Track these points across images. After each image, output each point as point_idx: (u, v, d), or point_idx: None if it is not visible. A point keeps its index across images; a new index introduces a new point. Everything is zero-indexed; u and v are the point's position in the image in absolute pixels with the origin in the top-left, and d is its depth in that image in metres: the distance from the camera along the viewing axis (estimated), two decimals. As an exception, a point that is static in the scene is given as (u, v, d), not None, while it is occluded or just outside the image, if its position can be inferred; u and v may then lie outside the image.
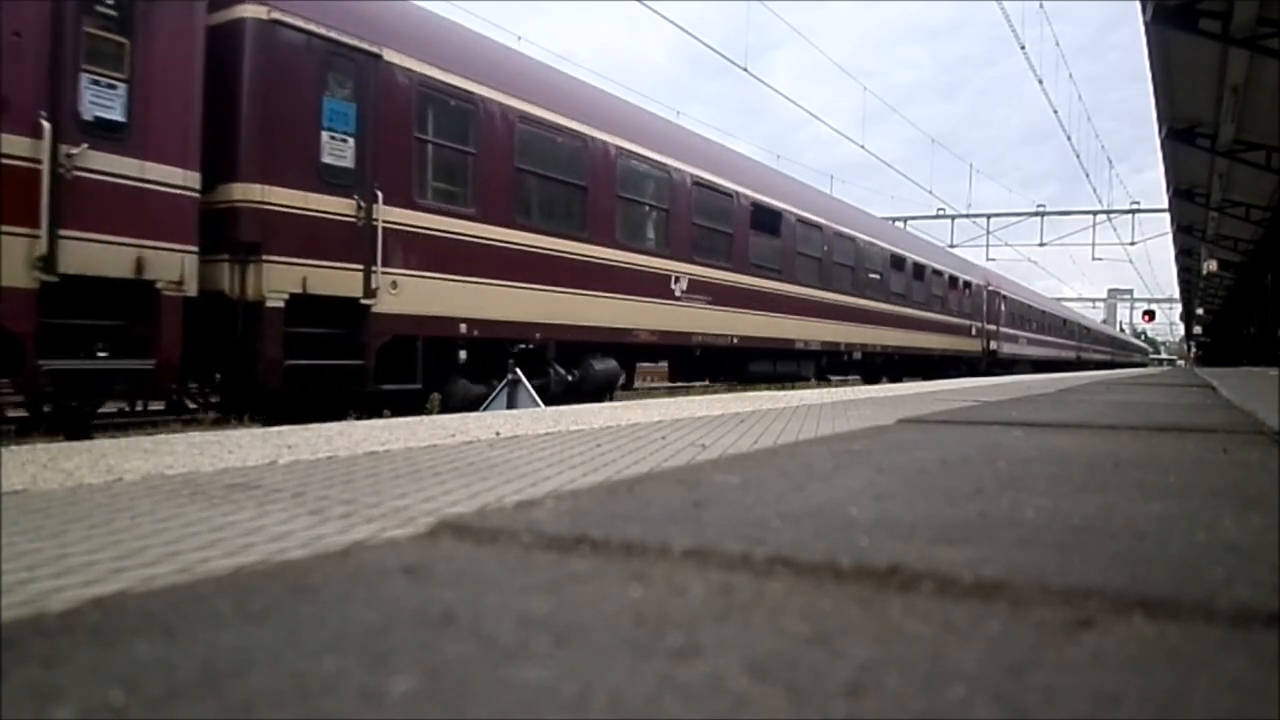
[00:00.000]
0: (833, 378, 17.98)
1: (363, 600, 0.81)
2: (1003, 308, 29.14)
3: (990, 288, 27.94)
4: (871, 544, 1.05)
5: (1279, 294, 23.46)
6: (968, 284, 25.44)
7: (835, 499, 1.39)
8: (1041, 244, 39.66)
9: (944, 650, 0.68)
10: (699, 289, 12.41)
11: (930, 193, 78.66)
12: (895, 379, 19.38)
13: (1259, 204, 20.87)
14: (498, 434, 2.77)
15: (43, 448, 2.23)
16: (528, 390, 8.64)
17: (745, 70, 18.48)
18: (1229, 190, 20.36)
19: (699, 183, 12.58)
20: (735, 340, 13.33)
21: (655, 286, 11.54)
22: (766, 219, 14.43)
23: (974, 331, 25.75)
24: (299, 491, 1.60)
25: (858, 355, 17.81)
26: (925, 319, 21.48)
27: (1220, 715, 0.56)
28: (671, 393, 16.84)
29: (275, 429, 2.96)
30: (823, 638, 0.71)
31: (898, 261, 19.78)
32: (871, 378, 19.41)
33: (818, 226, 16.14)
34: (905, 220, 35.69)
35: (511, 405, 8.43)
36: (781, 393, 6.88)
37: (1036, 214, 38.88)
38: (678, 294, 11.95)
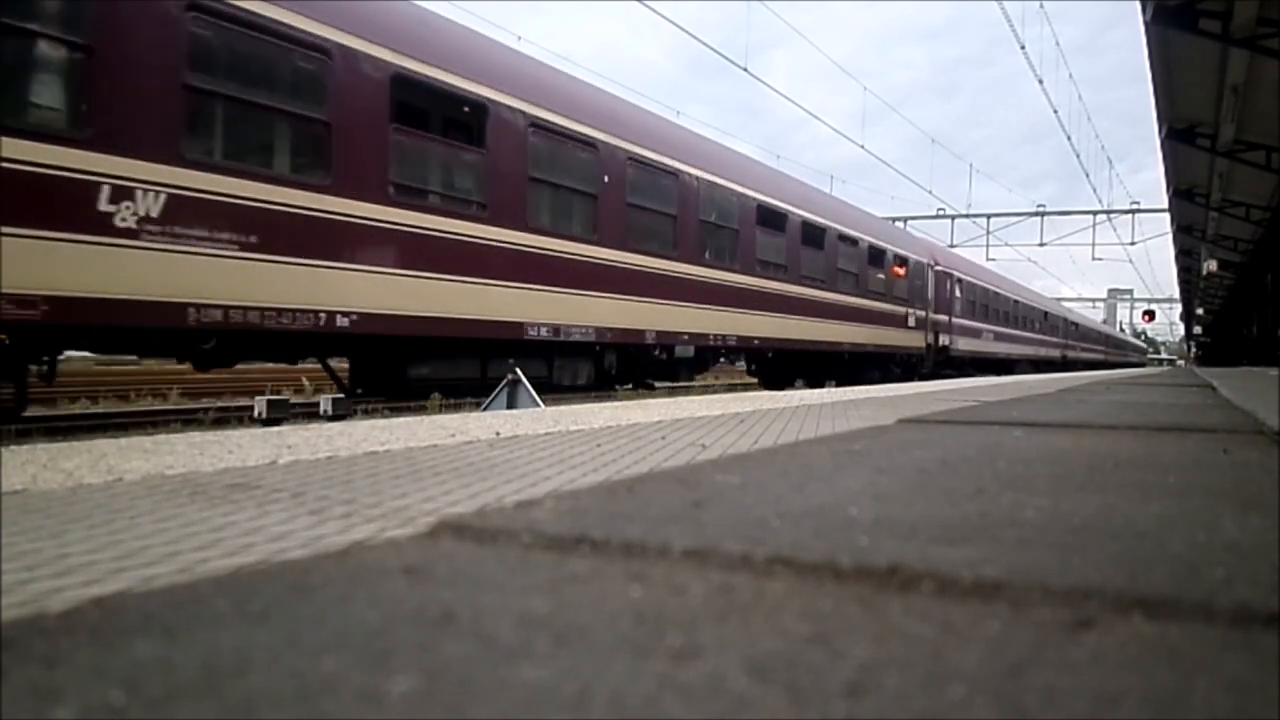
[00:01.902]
0: (657, 384, 12.02)
1: (363, 600, 0.81)
2: (957, 293, 22.99)
3: (939, 267, 21.77)
4: (871, 544, 1.05)
5: (1279, 294, 23.45)
6: (902, 259, 19.10)
7: (835, 499, 1.39)
8: (1041, 244, 39.67)
9: (944, 650, 0.68)
10: (224, 221, 6.16)
11: (930, 193, 78.70)
12: (816, 382, 15.41)
13: (1259, 204, 20.88)
14: (498, 434, 2.77)
15: (43, 448, 2.23)
16: (528, 390, 8.61)
17: (745, 70, 18.48)
18: (1229, 190, 20.37)
19: (205, 9, 6.14)
20: (348, 321, 7.00)
21: (47, 208, 5.29)
22: (439, 113, 8.40)
23: (912, 321, 19.56)
24: (299, 491, 1.59)
25: (687, 350, 11.61)
26: (825, 302, 15.22)
27: (1220, 715, 0.56)
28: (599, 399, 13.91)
29: (275, 429, 2.96)
30: (823, 638, 0.71)
31: (771, 217, 13.46)
32: (776, 382, 15.41)
33: (588, 143, 9.62)
34: (905, 220, 35.61)
35: (511, 405, 8.42)
36: (781, 393, 6.88)
37: (1037, 214, 38.89)
38: (130, 224, 5.62)
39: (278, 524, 1.30)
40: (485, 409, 8.02)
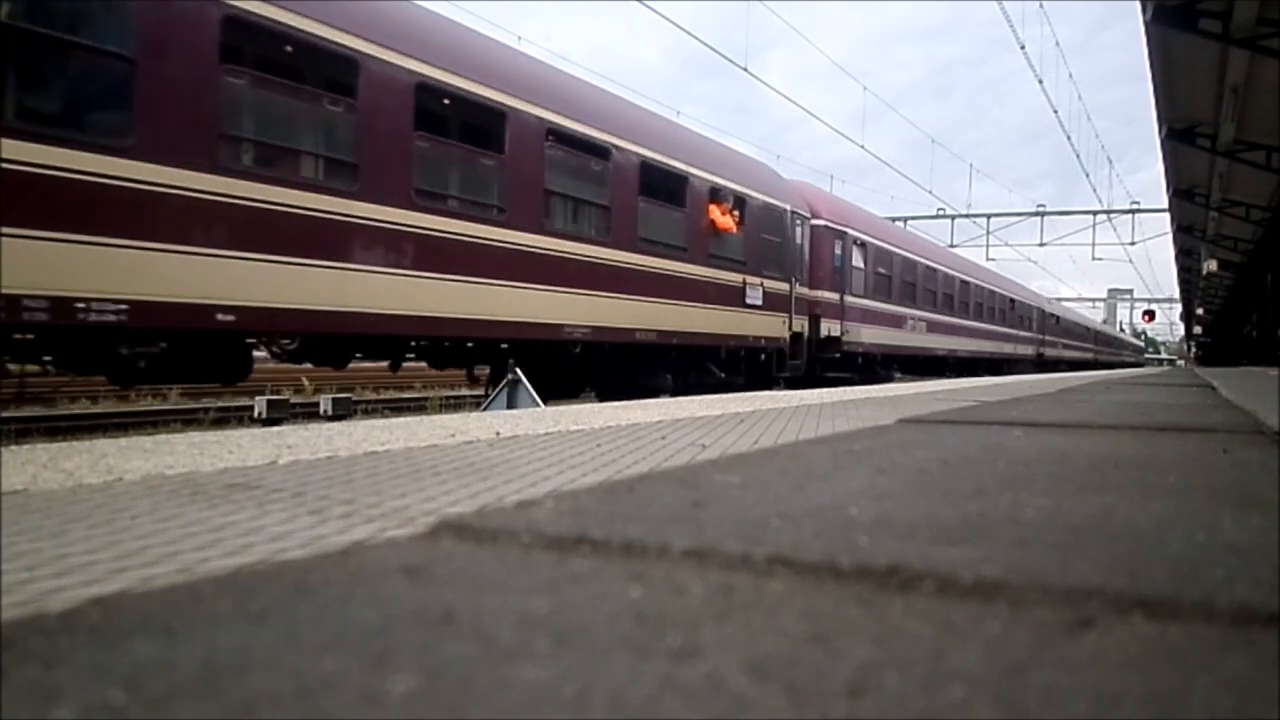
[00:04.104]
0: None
1: (363, 600, 0.81)
2: (858, 262, 16.25)
3: (822, 221, 14.97)
4: (871, 544, 1.05)
5: (1279, 294, 23.45)
6: (734, 200, 12.17)
7: (835, 499, 1.39)
8: (1041, 244, 39.65)
9: (944, 650, 0.68)
10: None
11: (930, 193, 78.62)
12: (566, 391, 10.14)
13: (1259, 204, 20.87)
14: (498, 434, 2.77)
15: (43, 448, 2.23)
16: (528, 390, 8.61)
17: (745, 70, 18.48)
18: (1229, 190, 20.36)
19: None
20: None
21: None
22: None
23: (757, 297, 12.79)
24: (299, 491, 1.59)
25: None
26: (508, 248, 8.69)
27: (1220, 715, 0.56)
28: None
29: (275, 429, 2.96)
30: (823, 638, 0.71)
31: (311, 69, 7.51)
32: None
33: None
34: (905, 220, 35.54)
35: (511, 405, 8.42)
36: (781, 393, 6.88)
37: (1036, 214, 38.90)
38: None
39: (278, 524, 1.30)
40: (485, 409, 8.03)
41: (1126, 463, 1.96)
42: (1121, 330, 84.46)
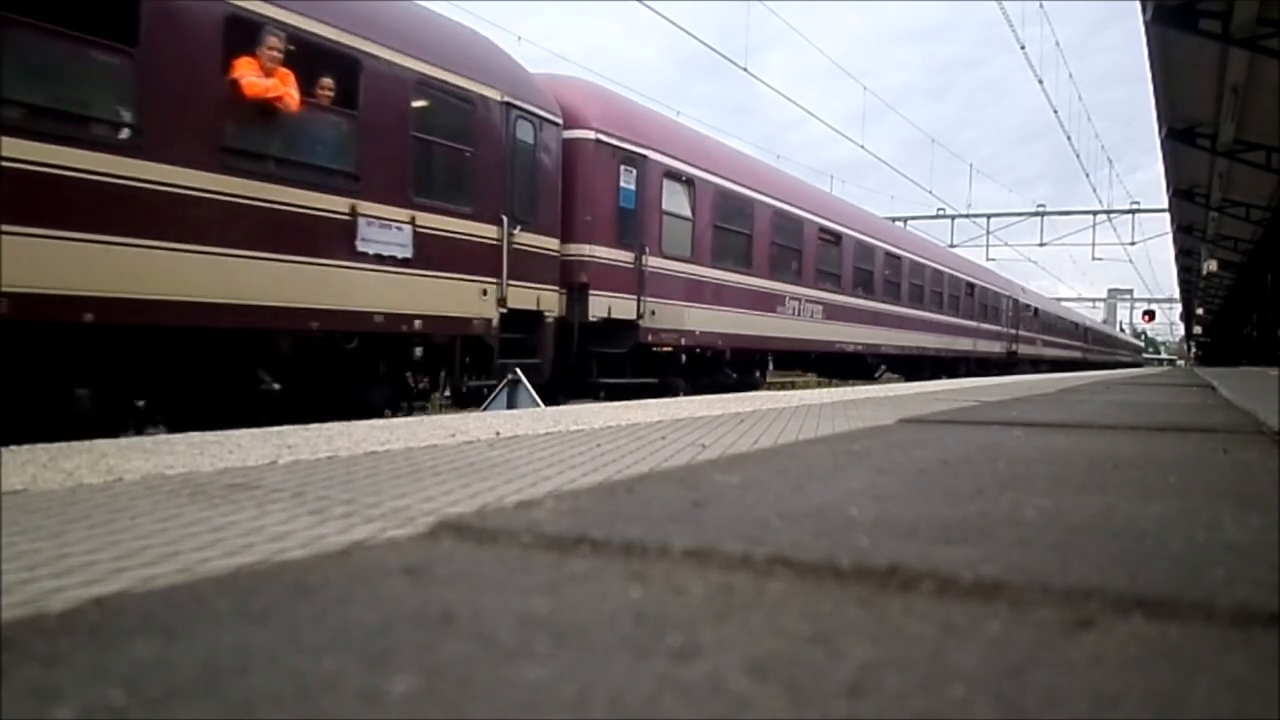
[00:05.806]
0: None
1: (363, 600, 0.81)
2: (671, 205, 10.59)
3: (592, 134, 9.35)
4: (871, 544, 1.05)
5: (1279, 294, 23.44)
6: (317, 53, 6.30)
7: (835, 499, 1.39)
8: (1041, 244, 39.58)
9: (944, 650, 0.68)
10: None
11: (930, 193, 78.46)
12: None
13: (1259, 204, 20.87)
14: (498, 434, 2.77)
15: (43, 448, 2.23)
16: (528, 390, 8.60)
17: (745, 70, 18.47)
18: (1229, 190, 20.36)
19: None
20: None
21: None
22: None
23: (406, 244, 7.04)
24: (299, 491, 1.59)
25: None
26: None
27: (1220, 715, 0.56)
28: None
29: (275, 429, 2.95)
30: (823, 638, 0.71)
31: None
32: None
33: None
34: (905, 220, 35.46)
35: (511, 405, 8.42)
36: (781, 393, 6.87)
37: (1037, 214, 38.86)
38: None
39: (278, 524, 1.30)
40: (485, 409, 8.02)
41: (1126, 463, 1.96)
42: (1121, 330, 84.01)
